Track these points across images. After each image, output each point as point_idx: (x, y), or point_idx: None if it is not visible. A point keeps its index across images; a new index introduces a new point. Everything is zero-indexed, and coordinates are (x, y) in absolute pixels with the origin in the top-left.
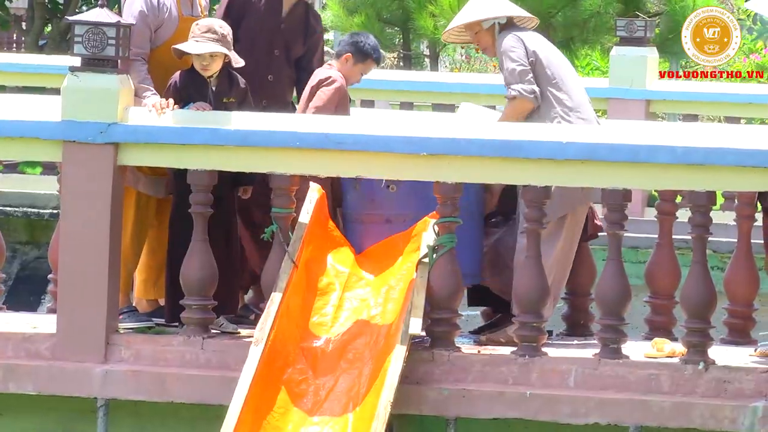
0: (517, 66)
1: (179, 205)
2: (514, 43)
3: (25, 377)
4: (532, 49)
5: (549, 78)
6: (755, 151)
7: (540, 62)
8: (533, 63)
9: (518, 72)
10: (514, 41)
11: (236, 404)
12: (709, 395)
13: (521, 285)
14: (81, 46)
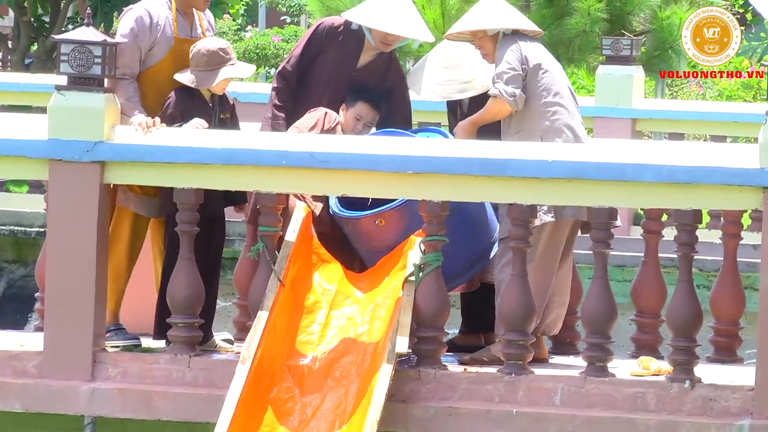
0: (507, 69)
1: (172, 226)
2: (512, 49)
3: (11, 395)
4: (528, 57)
5: (543, 88)
6: (741, 170)
7: (535, 72)
8: (526, 71)
9: (506, 75)
10: (513, 48)
11: (223, 423)
12: (696, 413)
13: (506, 303)
14: (67, 65)
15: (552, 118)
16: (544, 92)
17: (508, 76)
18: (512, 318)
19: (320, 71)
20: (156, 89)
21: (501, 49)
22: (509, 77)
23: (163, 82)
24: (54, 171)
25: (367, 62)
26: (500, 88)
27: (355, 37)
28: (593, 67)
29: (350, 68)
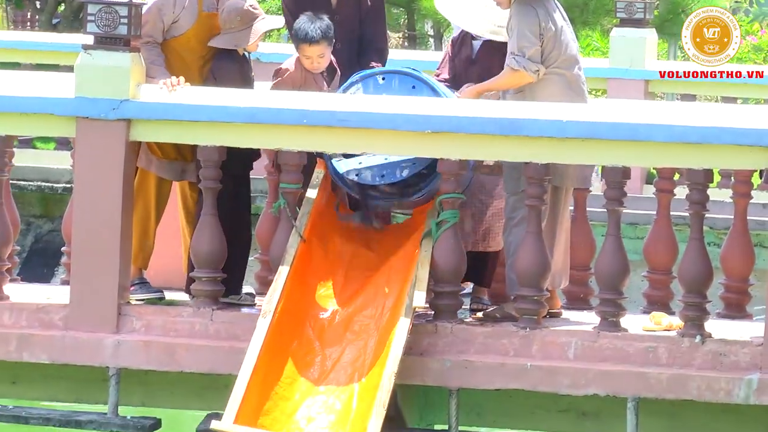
0: (528, 43)
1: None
2: (531, 19)
3: (38, 347)
4: (544, 25)
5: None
6: (751, 130)
7: (549, 41)
8: (543, 40)
9: (527, 50)
10: (531, 13)
11: (244, 374)
12: (706, 368)
13: (522, 260)
14: (94, 25)
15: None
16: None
17: (531, 52)
18: (528, 274)
19: None
20: (179, 58)
21: (519, 11)
22: (532, 53)
23: (186, 52)
24: (81, 128)
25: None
26: (524, 64)
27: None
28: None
29: (329, 12)
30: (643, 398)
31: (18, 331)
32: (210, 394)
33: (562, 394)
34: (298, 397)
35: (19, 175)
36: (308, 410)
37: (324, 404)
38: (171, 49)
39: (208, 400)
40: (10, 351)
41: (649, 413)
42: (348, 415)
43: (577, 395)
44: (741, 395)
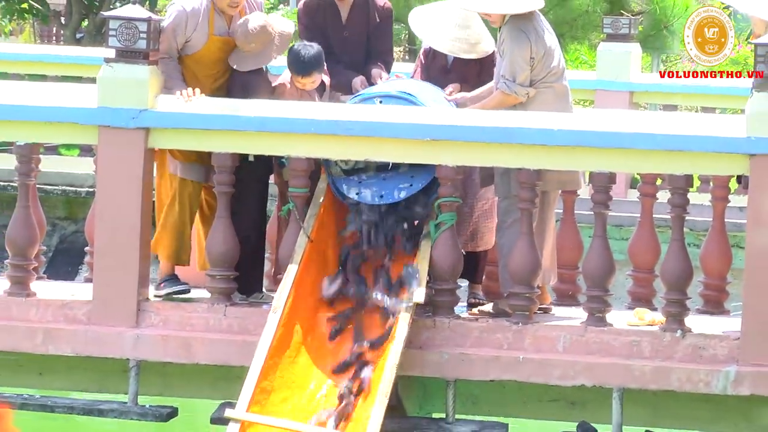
0: (519, 70)
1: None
2: (523, 45)
3: (63, 340)
4: (535, 48)
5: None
6: (728, 139)
7: (539, 62)
8: (534, 63)
9: (518, 76)
10: (523, 40)
11: (256, 365)
12: (686, 360)
13: (515, 260)
14: (115, 39)
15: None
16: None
17: (521, 78)
18: (521, 273)
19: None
20: (192, 74)
21: (511, 35)
22: (522, 78)
23: (198, 69)
24: (103, 136)
25: (349, 15)
26: (515, 89)
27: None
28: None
29: (339, 27)
30: (628, 389)
31: (44, 325)
32: (224, 385)
33: (552, 384)
34: (314, 385)
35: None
36: (319, 399)
37: (333, 391)
38: (185, 65)
39: (222, 390)
40: (36, 344)
41: (633, 403)
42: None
43: (566, 386)
44: (719, 386)
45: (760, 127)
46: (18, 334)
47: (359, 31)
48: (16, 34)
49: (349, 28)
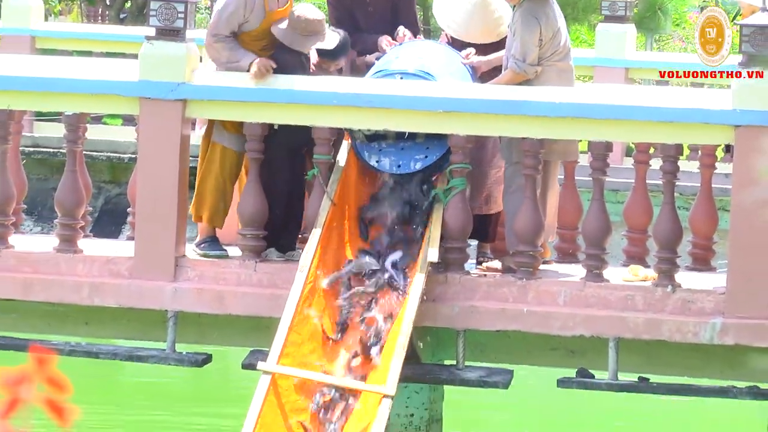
0: (529, 51)
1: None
2: (534, 29)
3: (107, 293)
4: (544, 30)
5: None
6: (715, 111)
7: (548, 41)
8: (542, 42)
9: (528, 56)
10: (534, 24)
11: (285, 322)
12: (676, 313)
13: (520, 222)
14: (155, 19)
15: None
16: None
17: (531, 58)
18: (525, 234)
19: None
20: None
21: (523, 18)
22: (531, 58)
23: (252, 43)
24: (144, 107)
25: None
26: (524, 68)
27: None
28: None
29: (364, 5)
30: (623, 339)
31: (90, 279)
32: (254, 334)
33: (553, 335)
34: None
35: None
36: (343, 350)
37: (355, 342)
38: (241, 41)
39: (251, 339)
40: (83, 297)
41: (627, 351)
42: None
43: (566, 336)
44: (706, 336)
45: (745, 100)
46: (66, 287)
47: (383, 6)
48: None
49: (373, 4)
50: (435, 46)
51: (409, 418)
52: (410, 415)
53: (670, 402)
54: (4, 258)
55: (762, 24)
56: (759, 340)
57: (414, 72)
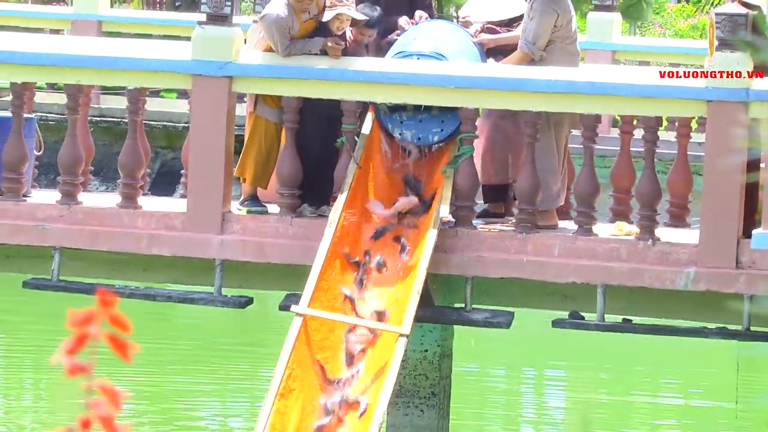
0: (541, 36)
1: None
2: (550, 18)
3: (163, 243)
4: (560, 17)
5: (566, 36)
6: (691, 88)
7: (561, 27)
8: (557, 27)
9: (538, 40)
10: (552, 13)
11: (315, 270)
12: (656, 263)
13: (521, 184)
14: (206, 6)
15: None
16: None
17: (540, 42)
18: (525, 194)
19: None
20: None
21: (542, 6)
22: (541, 43)
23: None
24: (196, 82)
25: None
26: (533, 50)
27: None
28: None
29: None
30: (609, 285)
31: (148, 232)
32: (289, 279)
33: (548, 281)
34: (356, 283)
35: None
36: (366, 294)
37: (377, 288)
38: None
39: (287, 284)
40: (141, 247)
41: (613, 296)
42: (395, 296)
43: (559, 282)
44: (681, 283)
45: (715, 79)
46: (127, 238)
47: None
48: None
49: None
50: (448, 27)
51: (423, 353)
52: (424, 351)
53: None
54: (73, 213)
55: (731, 12)
56: (727, 287)
57: (429, 53)
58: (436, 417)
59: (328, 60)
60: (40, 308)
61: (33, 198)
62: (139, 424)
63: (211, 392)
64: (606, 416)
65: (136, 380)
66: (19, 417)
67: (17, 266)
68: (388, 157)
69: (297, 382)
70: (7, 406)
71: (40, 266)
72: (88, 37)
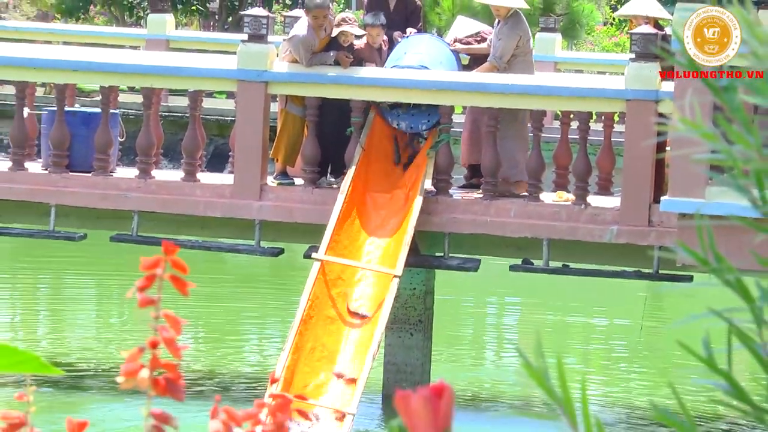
0: (506, 52)
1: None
2: (515, 39)
3: (215, 208)
4: (523, 36)
5: (525, 51)
6: (614, 90)
7: (524, 45)
8: (520, 46)
9: (504, 57)
10: (515, 34)
11: (330, 227)
12: (588, 222)
13: (486, 163)
14: (247, 28)
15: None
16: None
17: (505, 58)
18: (488, 169)
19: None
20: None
21: (509, 27)
22: (505, 58)
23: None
24: (240, 86)
25: (395, 5)
26: (499, 64)
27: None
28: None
29: (389, 11)
30: (552, 239)
31: (204, 199)
32: (312, 235)
33: (507, 236)
34: (362, 238)
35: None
36: (369, 245)
37: (376, 241)
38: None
39: (310, 238)
40: (199, 210)
41: (555, 248)
42: (388, 247)
43: (515, 237)
44: (607, 237)
45: (633, 83)
46: (188, 204)
47: (400, 16)
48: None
49: (394, 12)
50: (430, 40)
51: (412, 290)
52: (413, 288)
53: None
54: (148, 185)
55: (644, 32)
56: (641, 240)
57: (416, 66)
58: (422, 338)
59: (339, 69)
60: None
61: (117, 173)
62: (196, 345)
63: (252, 319)
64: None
65: (193, 310)
66: (107, 336)
67: (105, 225)
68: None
69: (315, 311)
70: (98, 329)
71: (123, 225)
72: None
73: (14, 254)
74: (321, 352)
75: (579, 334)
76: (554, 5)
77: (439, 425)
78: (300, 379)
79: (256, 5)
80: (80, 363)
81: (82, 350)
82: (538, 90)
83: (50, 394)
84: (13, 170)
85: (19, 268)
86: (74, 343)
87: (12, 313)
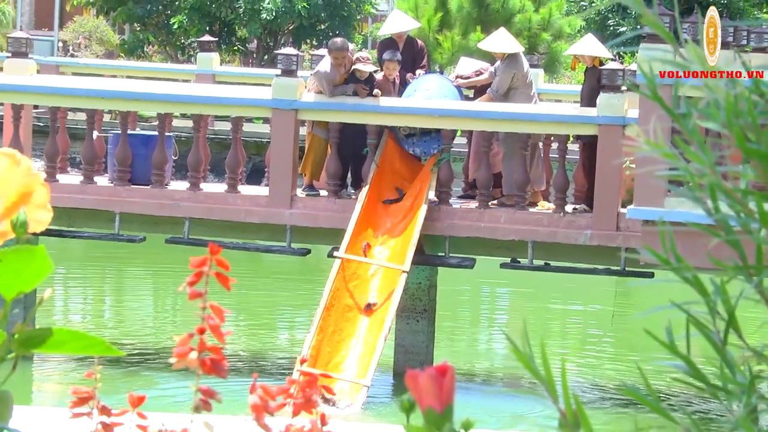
0: (503, 87)
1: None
2: (510, 75)
3: (254, 215)
4: (517, 73)
5: (524, 84)
6: (588, 116)
7: (520, 79)
8: (516, 81)
9: (500, 90)
10: (510, 74)
11: (349, 230)
12: (566, 227)
13: (480, 178)
14: (280, 64)
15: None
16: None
17: (501, 91)
18: (482, 183)
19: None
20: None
21: (505, 66)
22: (501, 91)
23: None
24: (274, 113)
25: (403, 47)
26: (496, 96)
27: (391, 39)
28: None
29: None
30: (536, 241)
31: (244, 207)
32: (334, 238)
33: (498, 239)
34: (375, 239)
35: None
36: (381, 246)
37: (388, 242)
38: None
39: (332, 240)
40: (240, 216)
41: (539, 249)
42: (397, 247)
43: (505, 239)
44: (582, 240)
45: (604, 110)
46: (231, 211)
47: (408, 55)
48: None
49: (403, 52)
50: (436, 78)
51: (418, 284)
52: (419, 282)
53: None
54: (197, 195)
55: (613, 68)
56: (611, 242)
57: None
58: (427, 324)
59: (357, 99)
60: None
61: (171, 186)
62: (237, 331)
63: (283, 309)
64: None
65: (234, 302)
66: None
67: (161, 229)
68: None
69: (336, 300)
70: (154, 317)
71: (176, 229)
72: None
73: (85, 254)
74: (341, 335)
75: (558, 319)
76: (538, 46)
77: (443, 399)
78: (324, 356)
79: (287, 45)
80: (139, 346)
81: (141, 335)
82: (523, 116)
83: (114, 373)
84: (84, 183)
85: (88, 266)
86: (134, 329)
87: (83, 303)
